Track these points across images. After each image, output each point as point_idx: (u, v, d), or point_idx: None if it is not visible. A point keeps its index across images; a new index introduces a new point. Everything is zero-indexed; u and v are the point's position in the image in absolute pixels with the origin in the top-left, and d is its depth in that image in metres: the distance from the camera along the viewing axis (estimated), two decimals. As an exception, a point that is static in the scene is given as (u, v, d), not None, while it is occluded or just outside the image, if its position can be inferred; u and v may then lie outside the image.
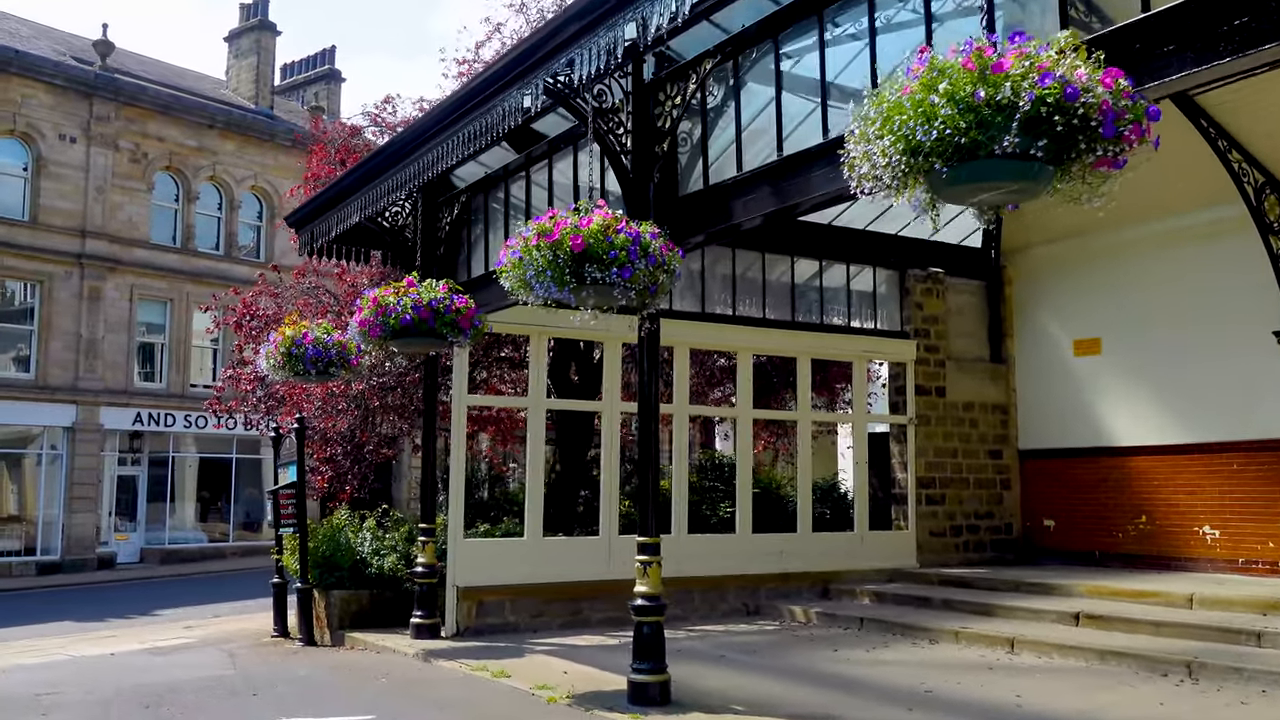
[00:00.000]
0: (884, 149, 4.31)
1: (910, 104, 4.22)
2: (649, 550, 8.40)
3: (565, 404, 14.31)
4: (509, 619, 12.28)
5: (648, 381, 8.52)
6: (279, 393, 16.34)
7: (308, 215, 12.63)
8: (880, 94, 4.43)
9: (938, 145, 4.17)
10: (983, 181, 4.24)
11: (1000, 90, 4.07)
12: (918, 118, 4.19)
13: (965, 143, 4.12)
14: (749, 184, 8.00)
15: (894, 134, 4.26)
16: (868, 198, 4.81)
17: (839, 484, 18.03)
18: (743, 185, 8.07)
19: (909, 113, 4.22)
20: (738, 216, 8.08)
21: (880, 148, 4.33)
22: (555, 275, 6.77)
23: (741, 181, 8.09)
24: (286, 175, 34.02)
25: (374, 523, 13.63)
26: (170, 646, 14.04)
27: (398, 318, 9.22)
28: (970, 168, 4.17)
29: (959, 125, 4.11)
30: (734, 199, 8.14)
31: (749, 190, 7.97)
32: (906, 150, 4.24)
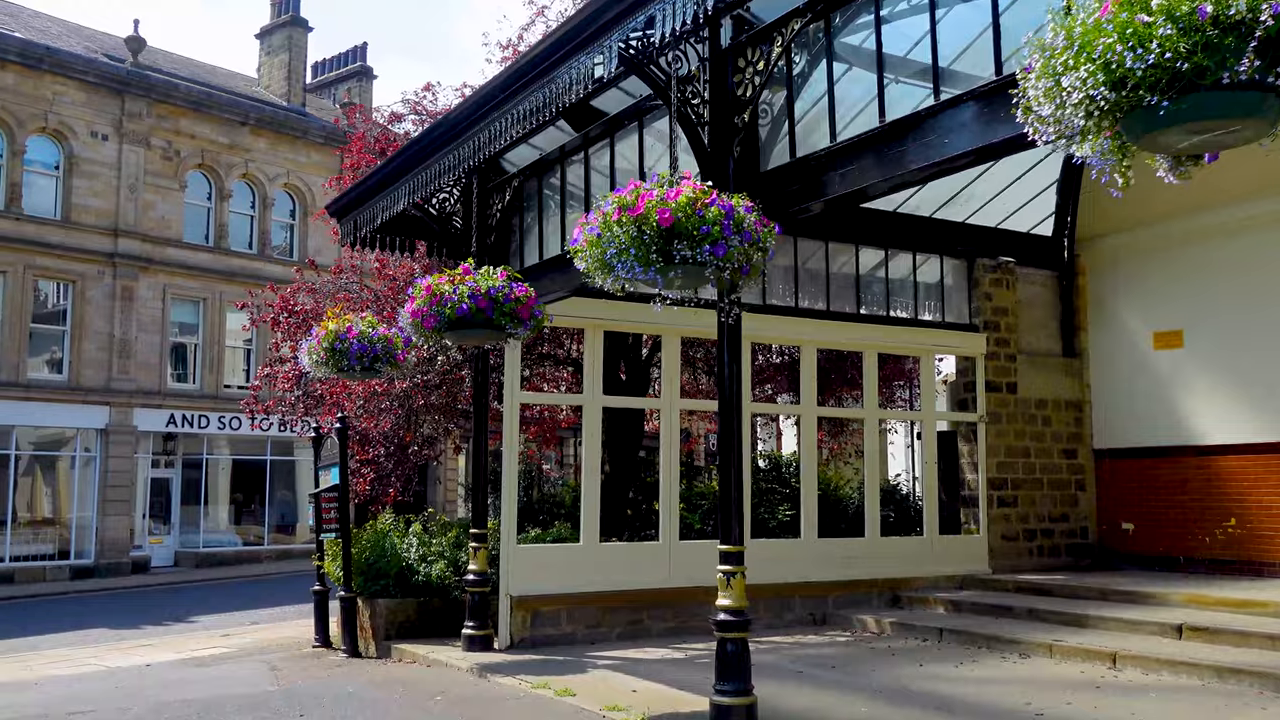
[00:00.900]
0: (1078, 82, 3.54)
1: (1115, 26, 3.46)
2: (732, 559, 7.65)
3: (622, 401, 13.58)
4: (565, 630, 11.57)
5: (730, 375, 7.77)
6: (317, 391, 15.71)
7: (351, 203, 11.96)
8: (1070, 19, 3.66)
9: (1151, 75, 3.40)
10: (1205, 119, 3.47)
11: (1233, 4, 3.30)
12: (1124, 41, 3.42)
13: (1188, 69, 3.35)
14: (846, 154, 7.23)
15: (1093, 63, 3.49)
16: (934, 182, 4.04)
17: (899, 485, 17.23)
18: (838, 156, 7.31)
19: (1112, 36, 3.46)
20: (833, 190, 7.32)
21: (1073, 81, 3.56)
22: (640, 254, 6.03)
23: (836, 152, 7.32)
24: (319, 172, 33.57)
25: (420, 527, 12.95)
26: (208, 657, 13.44)
27: (454, 307, 8.52)
28: (1193, 101, 3.40)
29: (1179, 49, 3.34)
30: (828, 171, 7.38)
31: (846, 161, 7.21)
32: (1109, 82, 3.48)
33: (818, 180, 7.47)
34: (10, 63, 27.08)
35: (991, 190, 14.46)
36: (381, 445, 14.03)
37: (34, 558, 27.40)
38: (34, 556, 27.43)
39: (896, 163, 6.84)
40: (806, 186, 7.53)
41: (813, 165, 7.54)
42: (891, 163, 6.90)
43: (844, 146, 7.25)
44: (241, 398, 31.32)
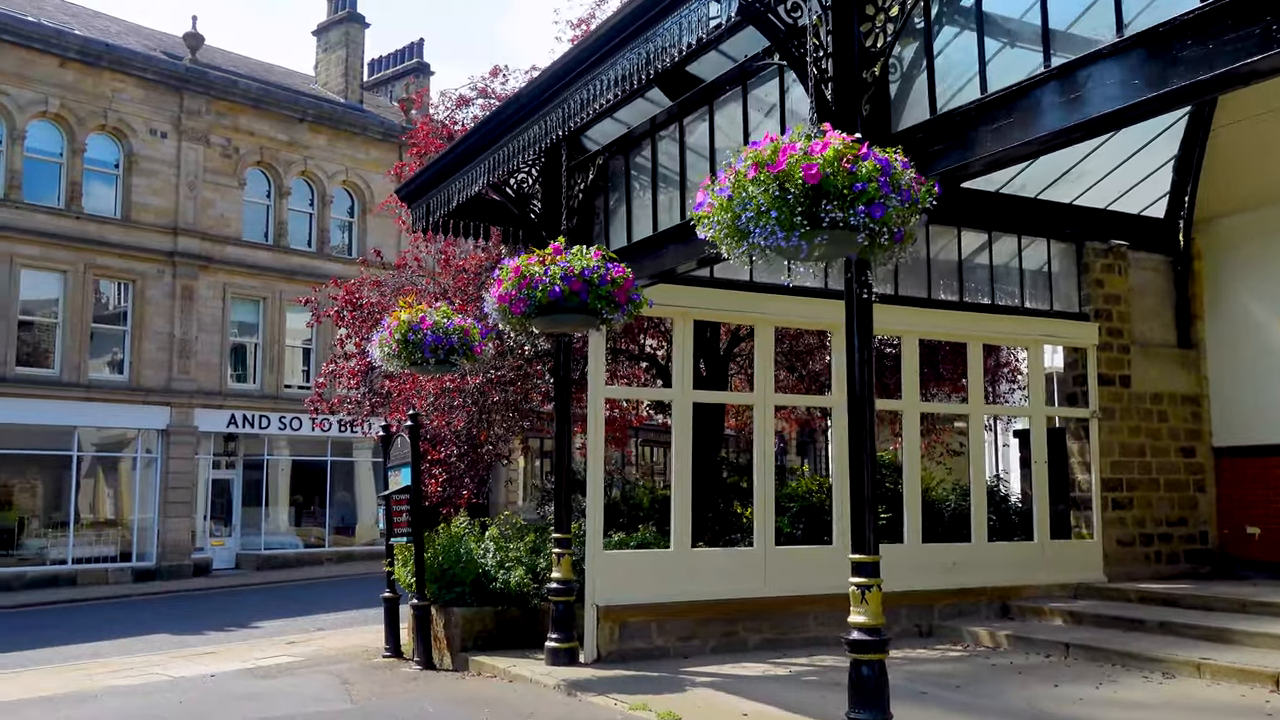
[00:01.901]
0: None
1: None
2: (867, 570, 6.76)
3: (712, 396, 12.74)
4: (656, 642, 10.72)
5: (859, 362, 6.87)
6: (384, 388, 15.01)
7: (423, 185, 11.20)
8: None
9: None
10: None
11: None
12: None
13: None
14: (1000, 106, 6.30)
15: None
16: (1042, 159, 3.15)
17: (998, 487, 16.19)
18: (990, 109, 6.38)
19: None
20: (983, 149, 6.40)
21: None
22: (782, 217, 5.17)
23: (989, 105, 6.39)
24: (378, 169, 33.06)
25: (497, 531, 12.18)
26: (274, 667, 12.77)
27: (545, 290, 7.71)
28: None
29: None
30: (977, 127, 6.45)
31: (1001, 114, 6.28)
32: None
33: (963, 138, 6.55)
34: (70, 60, 26.83)
35: (1102, 168, 13.39)
36: (454, 444, 13.28)
37: (96, 560, 27.12)
38: (96, 559, 27.15)
39: (1067, 112, 5.90)
40: (952, 146, 6.61)
41: (958, 121, 6.62)
42: (1059, 113, 5.96)
43: (999, 97, 6.32)
44: (302, 398, 31.03)
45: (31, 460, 26.99)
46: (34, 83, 26.26)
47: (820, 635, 11.56)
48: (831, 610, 11.68)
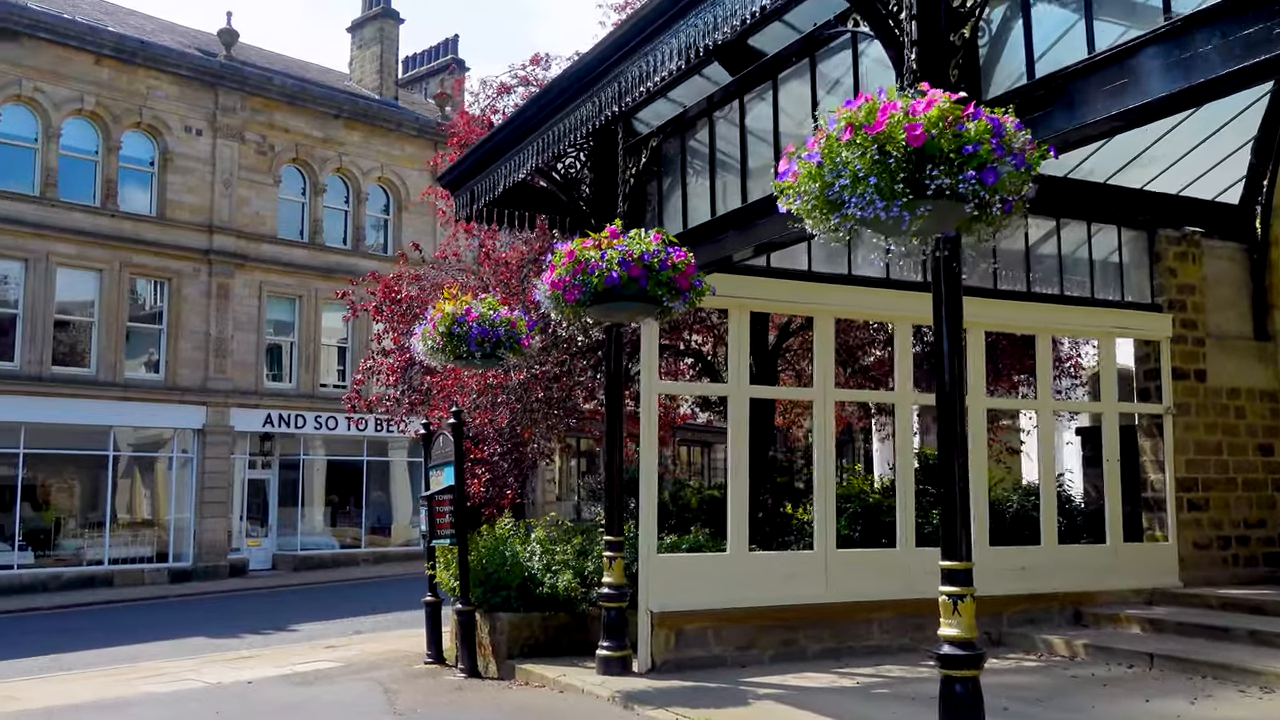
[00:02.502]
0: None
1: None
2: (960, 579, 6.18)
3: (770, 391, 12.16)
4: (713, 651, 10.17)
5: (950, 351, 6.29)
6: (424, 385, 14.54)
7: (467, 171, 10.70)
8: None
9: None
10: None
11: None
12: None
13: None
14: (1112, 64, 5.70)
15: None
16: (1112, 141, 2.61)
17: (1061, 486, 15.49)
18: (1100, 69, 5.77)
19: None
20: (1094, 112, 5.79)
21: None
22: (882, 184, 4.61)
23: (1097, 64, 5.79)
24: (413, 165, 32.76)
25: (543, 533, 11.68)
26: (312, 673, 12.34)
27: (601, 276, 7.19)
28: None
29: None
30: (1085, 89, 5.85)
31: (1112, 74, 5.67)
32: None
33: (1068, 101, 5.95)
34: (105, 57, 26.63)
35: (1175, 152, 12.69)
36: (496, 443, 12.78)
37: (133, 560, 26.90)
38: (133, 559, 26.93)
39: (1186, 71, 5.30)
40: (1054, 111, 6.01)
41: (1060, 84, 6.03)
42: (1177, 73, 5.35)
43: (1112, 55, 5.71)
44: (337, 397, 30.74)
45: (69, 460, 26.83)
46: (69, 80, 26.08)
47: (883, 644, 10.99)
48: (896, 617, 11.14)
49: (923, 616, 11.24)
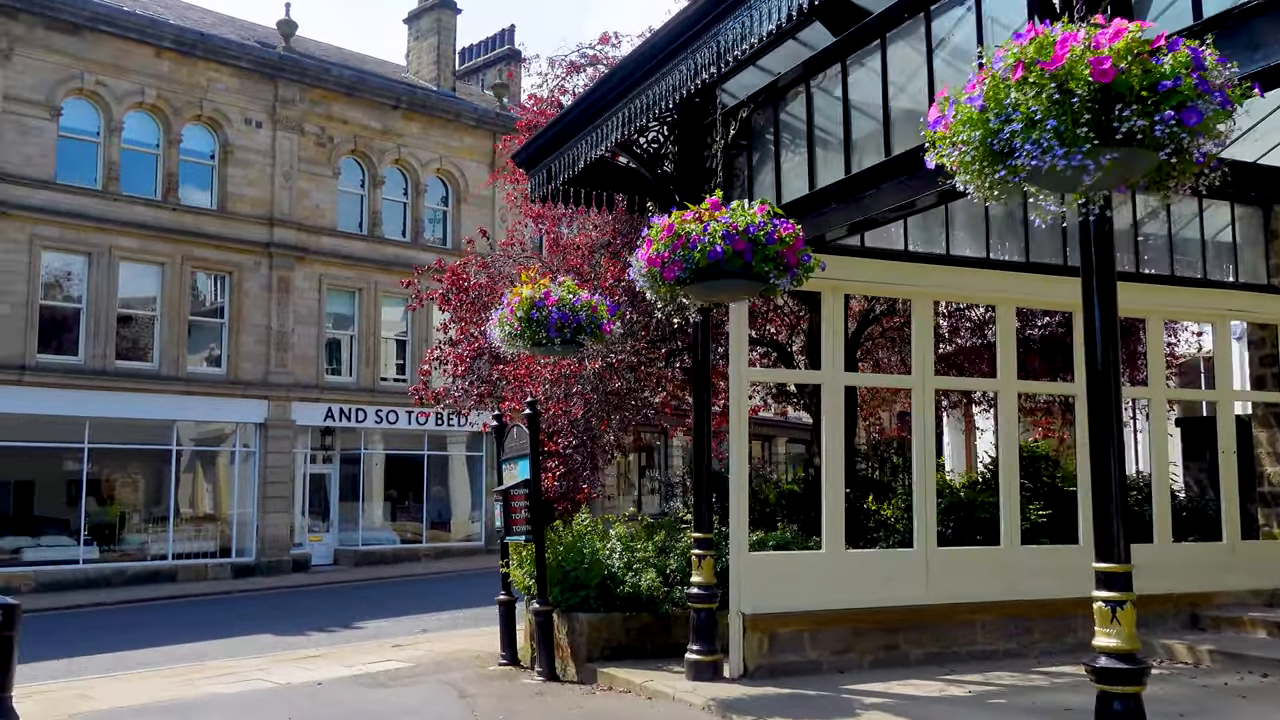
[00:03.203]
0: None
1: None
2: (1118, 583, 5.51)
3: (868, 379, 11.53)
4: (809, 656, 9.54)
5: (1102, 327, 5.61)
6: (492, 376, 14.03)
7: (544, 147, 10.14)
8: None
9: None
10: None
11: None
12: None
13: None
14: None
15: None
16: None
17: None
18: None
19: None
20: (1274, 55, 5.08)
21: None
22: (1063, 127, 3.96)
23: (1285, -1, 5.09)
24: (472, 156, 32.39)
25: (624, 530, 11.12)
26: (382, 673, 11.89)
27: (704, 250, 6.58)
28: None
29: None
30: (1263, 26, 5.14)
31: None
32: None
33: (1249, 42, 5.24)
34: (166, 50, 26.50)
35: (1294, 121, 11.83)
36: (571, 435, 12.23)
37: (196, 555, 26.79)
38: (196, 554, 26.83)
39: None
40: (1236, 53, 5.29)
41: (1234, 19, 5.31)
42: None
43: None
44: (397, 390, 30.55)
45: (132, 455, 26.79)
46: (130, 73, 25.98)
47: (989, 648, 10.31)
48: (1000, 619, 10.45)
49: (1028, 619, 10.58)
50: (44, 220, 24.37)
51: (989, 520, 11.61)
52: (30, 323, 24.13)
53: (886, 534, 11.58)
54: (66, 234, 24.76)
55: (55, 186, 24.66)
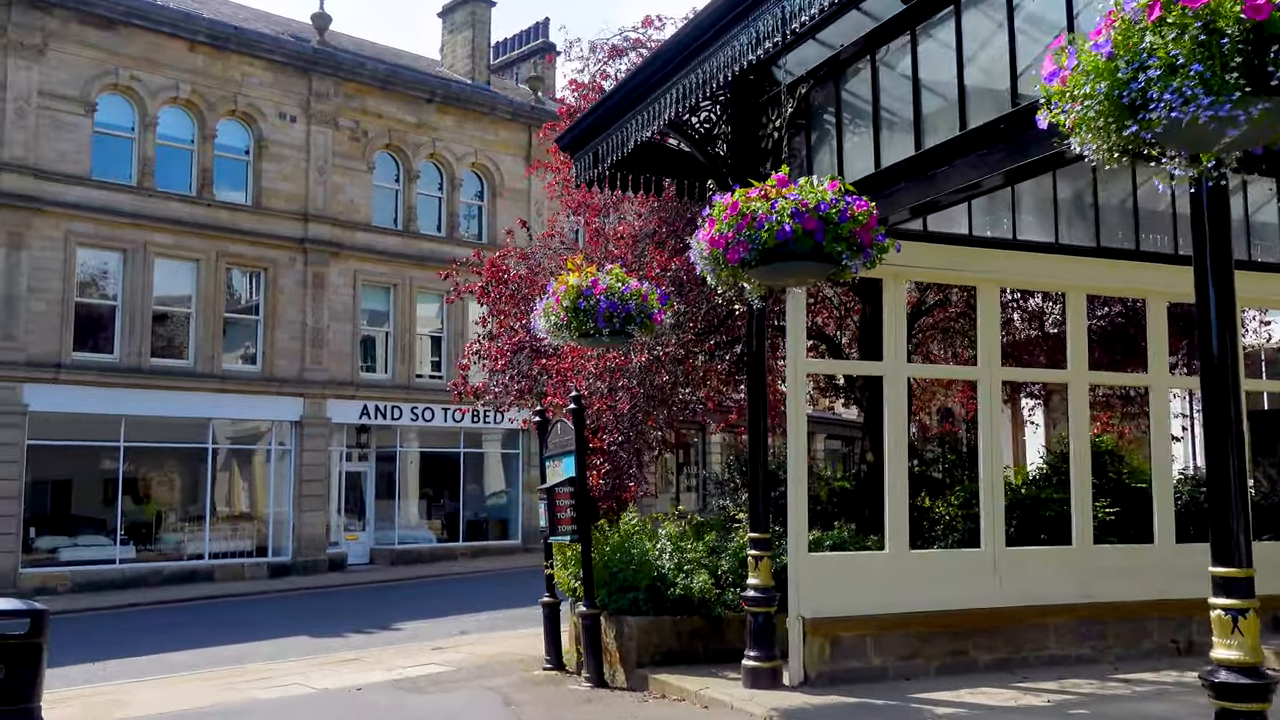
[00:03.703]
0: None
1: None
2: (1239, 589, 5.09)
3: (931, 370, 11.00)
4: (872, 662, 9.06)
5: (1220, 316, 5.10)
6: (534, 370, 13.62)
7: (591, 129, 9.69)
8: None
9: None
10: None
11: None
12: None
13: None
14: None
15: None
16: None
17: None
18: None
19: None
20: None
21: None
22: (1209, 73, 3.46)
23: None
24: (507, 150, 32.03)
25: (674, 529, 10.67)
26: (423, 677, 11.52)
27: (772, 230, 6.11)
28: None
29: None
30: None
31: None
32: None
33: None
34: (199, 44, 26.30)
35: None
36: (616, 431, 11.78)
37: (232, 554, 26.59)
38: (232, 553, 26.62)
39: None
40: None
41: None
42: None
43: None
44: (432, 388, 30.23)
45: (169, 453, 26.62)
46: (164, 68, 25.80)
47: (1061, 654, 9.78)
48: (1072, 622, 9.91)
49: (1102, 622, 10.04)
50: (79, 217, 24.22)
51: (1053, 519, 11.08)
52: (65, 320, 23.98)
53: (946, 533, 11.07)
54: (101, 230, 24.60)
55: (90, 183, 24.50)
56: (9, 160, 23.36)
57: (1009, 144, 6.60)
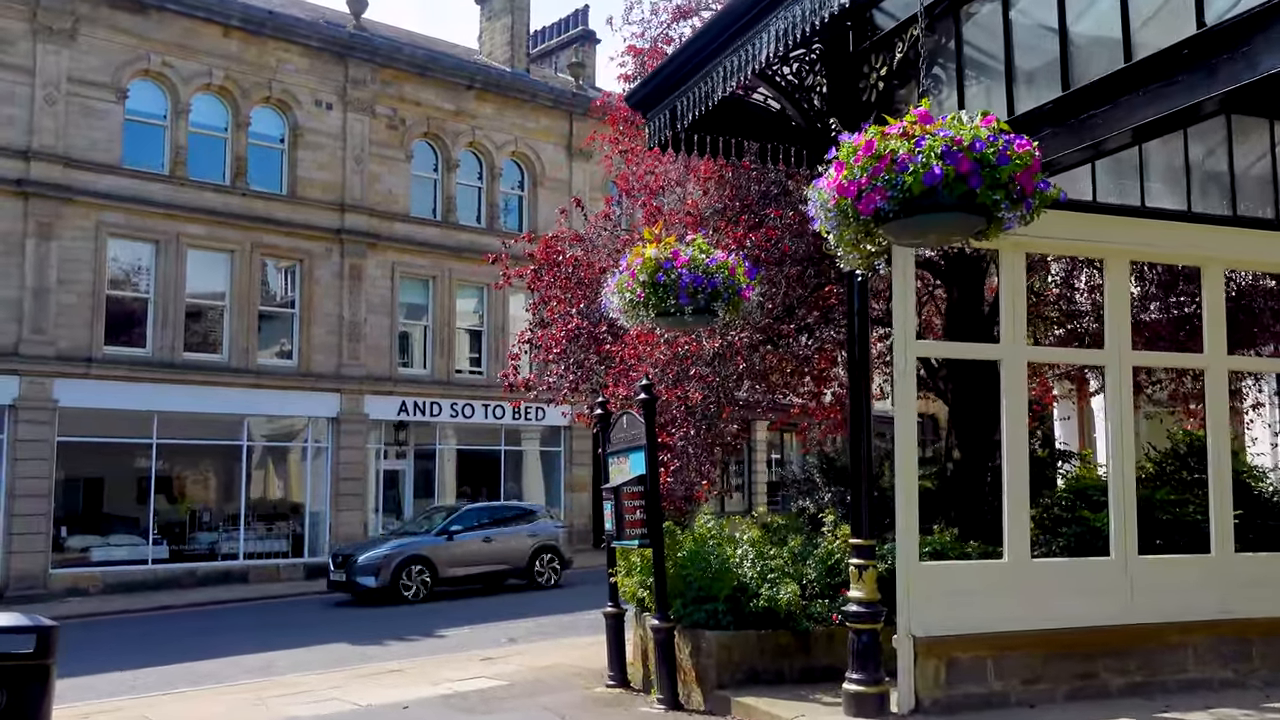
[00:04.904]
0: None
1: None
2: None
3: (1054, 354, 9.83)
4: (993, 686, 7.94)
5: None
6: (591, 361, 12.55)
7: (666, 84, 8.58)
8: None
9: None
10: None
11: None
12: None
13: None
14: None
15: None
16: None
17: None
18: None
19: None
20: None
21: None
22: None
23: None
24: (548, 138, 31.10)
25: (759, 533, 9.59)
26: (475, 694, 10.54)
27: (918, 173, 5.00)
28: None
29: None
30: None
31: None
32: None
33: None
34: (233, 29, 25.47)
35: None
36: (688, 425, 10.70)
37: (268, 555, 25.74)
38: (268, 554, 25.77)
39: None
40: None
41: None
42: None
43: None
44: (472, 383, 29.28)
45: (203, 451, 25.79)
46: (198, 54, 24.98)
47: (1201, 677, 8.62)
48: (1211, 639, 8.73)
49: (1245, 641, 8.84)
50: (110, 207, 23.43)
51: (1171, 523, 9.92)
52: (96, 313, 23.20)
53: (1048, 539, 9.94)
54: (133, 221, 23.79)
55: (121, 171, 23.71)
56: (38, 148, 22.62)
57: (1197, 72, 5.48)
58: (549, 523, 23.82)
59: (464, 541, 21.67)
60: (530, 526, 23.05)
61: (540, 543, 22.72)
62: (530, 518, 23.58)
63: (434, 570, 20.96)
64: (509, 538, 22.35)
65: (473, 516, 22.59)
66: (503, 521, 22.84)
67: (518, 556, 22.28)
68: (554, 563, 22.72)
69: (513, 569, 22.18)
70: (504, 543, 22.18)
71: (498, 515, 23.15)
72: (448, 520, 22.07)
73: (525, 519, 23.40)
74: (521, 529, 22.81)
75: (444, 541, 21.44)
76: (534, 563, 22.42)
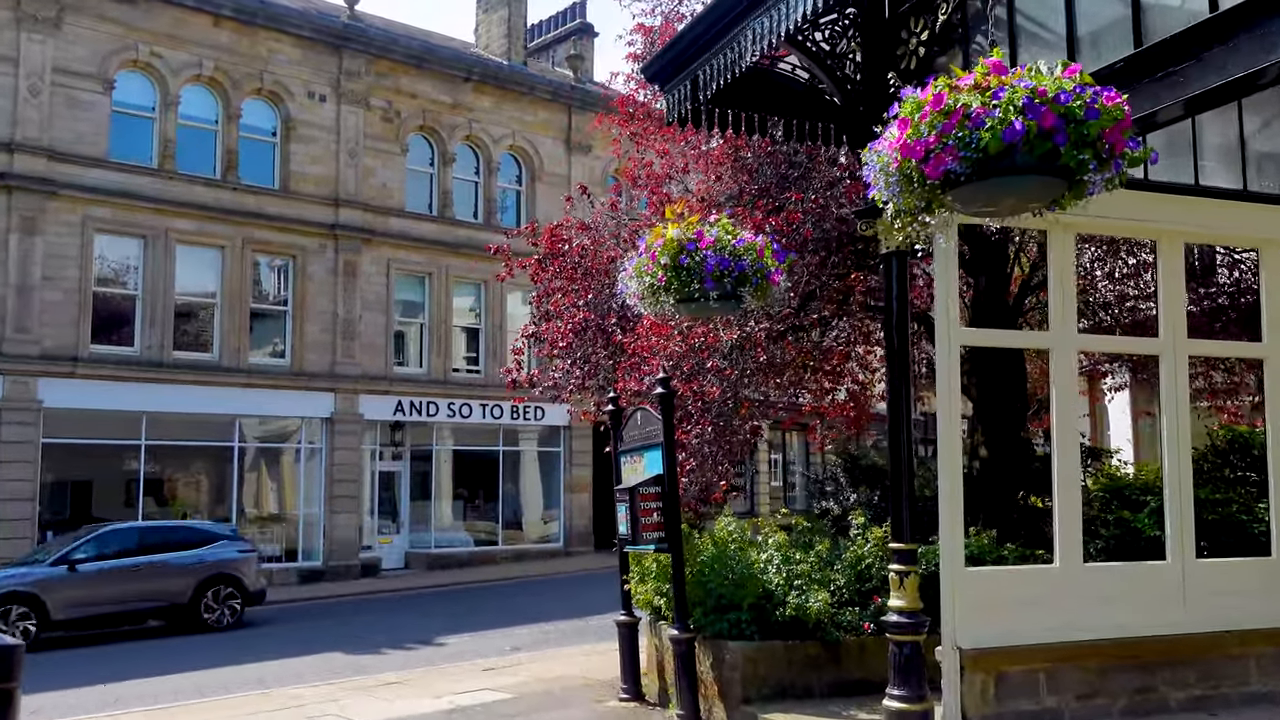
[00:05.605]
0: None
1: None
2: None
3: (1106, 343, 9.23)
4: (1045, 703, 7.31)
5: None
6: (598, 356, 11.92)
7: (685, 53, 7.93)
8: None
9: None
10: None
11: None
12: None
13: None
14: None
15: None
16: None
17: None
18: None
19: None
20: None
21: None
22: None
23: None
24: (546, 132, 30.49)
25: (785, 537, 8.97)
26: (479, 707, 9.94)
27: (996, 129, 4.39)
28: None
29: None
30: None
31: None
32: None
33: None
34: (224, 18, 24.81)
35: None
36: (705, 421, 10.07)
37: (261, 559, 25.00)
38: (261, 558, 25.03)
39: None
40: None
41: None
42: None
43: None
44: (469, 382, 28.63)
45: (193, 452, 25.11)
46: (187, 44, 24.32)
47: (1264, 690, 7.99)
48: (1275, 649, 8.13)
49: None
50: (96, 201, 22.77)
51: (1217, 523, 9.30)
52: (83, 311, 22.53)
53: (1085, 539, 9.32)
54: (120, 215, 23.13)
55: (108, 165, 23.05)
56: (22, 140, 21.96)
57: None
58: (231, 546, 19.20)
59: (97, 572, 17.23)
60: (200, 552, 18.43)
61: (211, 571, 18.27)
62: (208, 541, 18.92)
63: (43, 611, 16.44)
64: (163, 567, 17.87)
65: (115, 540, 18.09)
66: (162, 547, 18.21)
67: (177, 591, 17.81)
68: (232, 598, 18.41)
69: (168, 605, 17.85)
70: (155, 573, 17.71)
71: (156, 539, 18.53)
72: (74, 545, 17.62)
73: (200, 543, 18.74)
74: (186, 556, 18.23)
75: (63, 573, 16.90)
76: (199, 598, 17.98)
